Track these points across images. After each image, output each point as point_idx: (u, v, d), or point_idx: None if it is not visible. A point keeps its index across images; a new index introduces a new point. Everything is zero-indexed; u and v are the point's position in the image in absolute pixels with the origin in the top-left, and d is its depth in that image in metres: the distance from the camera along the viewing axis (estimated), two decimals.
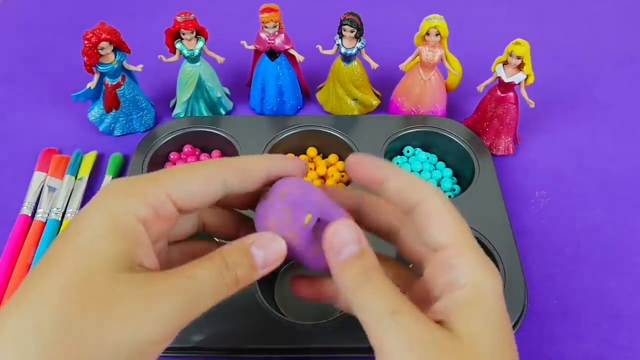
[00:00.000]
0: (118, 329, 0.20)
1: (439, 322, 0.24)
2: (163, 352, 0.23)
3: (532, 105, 0.53)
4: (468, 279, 0.24)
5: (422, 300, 0.25)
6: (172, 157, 0.55)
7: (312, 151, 0.56)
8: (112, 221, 0.22)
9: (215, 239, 0.34)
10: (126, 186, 0.24)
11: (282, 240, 0.26)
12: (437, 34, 0.52)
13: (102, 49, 0.51)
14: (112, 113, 0.56)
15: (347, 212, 0.28)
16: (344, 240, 0.24)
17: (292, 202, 0.26)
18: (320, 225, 0.27)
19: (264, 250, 0.25)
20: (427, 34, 0.53)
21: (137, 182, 0.24)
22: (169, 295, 0.22)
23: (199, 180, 0.25)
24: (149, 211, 0.23)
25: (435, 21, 0.52)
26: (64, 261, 0.21)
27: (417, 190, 0.26)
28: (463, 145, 0.53)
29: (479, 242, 0.45)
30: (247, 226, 0.30)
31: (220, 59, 0.57)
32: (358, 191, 0.29)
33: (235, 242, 0.25)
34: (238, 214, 0.31)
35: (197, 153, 0.56)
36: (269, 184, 0.28)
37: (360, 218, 0.29)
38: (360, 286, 0.24)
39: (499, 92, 0.53)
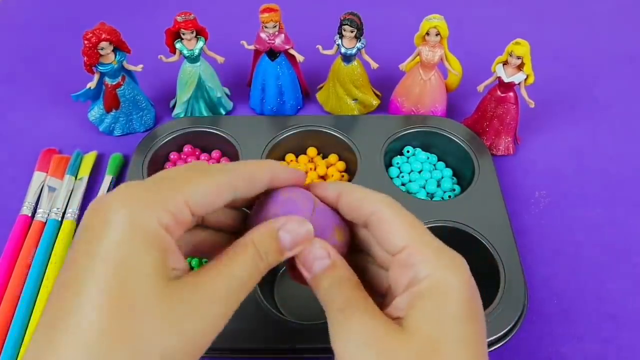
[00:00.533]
0: (177, 340, 0.21)
1: (397, 319, 0.24)
2: None
3: (532, 105, 0.53)
4: (427, 273, 0.24)
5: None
6: (172, 157, 0.55)
7: (312, 151, 0.56)
8: (140, 232, 0.22)
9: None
10: (145, 193, 0.23)
11: (309, 223, 0.26)
12: (437, 34, 0.52)
13: (102, 49, 0.51)
14: (112, 113, 0.56)
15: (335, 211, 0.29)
16: (314, 256, 0.26)
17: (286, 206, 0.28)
18: None
19: (291, 234, 0.26)
20: (427, 34, 0.53)
21: (156, 189, 0.24)
22: (218, 300, 0.23)
23: (213, 189, 0.25)
24: (170, 218, 0.23)
25: (435, 21, 0.52)
26: (99, 279, 0.20)
27: (367, 204, 0.27)
28: (463, 145, 0.53)
29: (479, 242, 0.45)
30: (242, 218, 0.30)
31: (220, 59, 0.57)
32: (338, 185, 0.29)
33: (263, 228, 0.26)
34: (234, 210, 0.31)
35: (197, 153, 0.56)
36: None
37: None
38: (328, 299, 0.25)
39: (499, 92, 0.53)
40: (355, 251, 0.30)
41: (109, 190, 0.52)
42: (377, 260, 0.28)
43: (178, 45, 0.54)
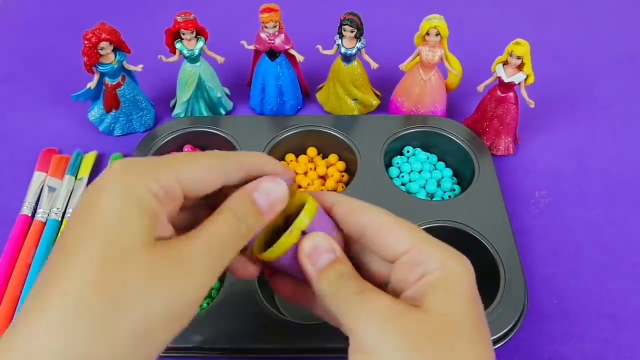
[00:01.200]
0: (160, 298, 0.22)
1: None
2: (163, 352, 0.23)
3: (532, 105, 0.53)
4: (437, 265, 0.25)
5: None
6: None
7: (312, 151, 0.56)
8: (132, 197, 0.23)
9: None
10: (137, 166, 0.24)
11: (283, 181, 0.27)
12: (437, 34, 0.52)
13: (102, 49, 0.51)
14: (112, 113, 0.56)
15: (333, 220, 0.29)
16: (319, 249, 0.26)
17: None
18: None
19: (267, 195, 0.26)
20: (427, 34, 0.53)
21: (148, 163, 0.25)
22: (200, 256, 0.23)
23: (204, 169, 0.26)
24: (160, 189, 0.24)
25: (435, 21, 0.52)
26: (94, 240, 0.22)
27: (362, 214, 0.27)
28: (463, 145, 0.53)
29: (479, 242, 0.45)
30: None
31: (220, 59, 0.57)
32: (333, 196, 0.30)
33: (236, 192, 0.26)
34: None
35: None
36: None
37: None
38: (333, 288, 0.26)
39: (499, 92, 0.53)
40: None
41: None
42: (370, 270, 0.29)
43: (178, 45, 0.54)
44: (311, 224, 0.27)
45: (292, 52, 0.56)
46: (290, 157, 0.55)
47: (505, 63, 0.51)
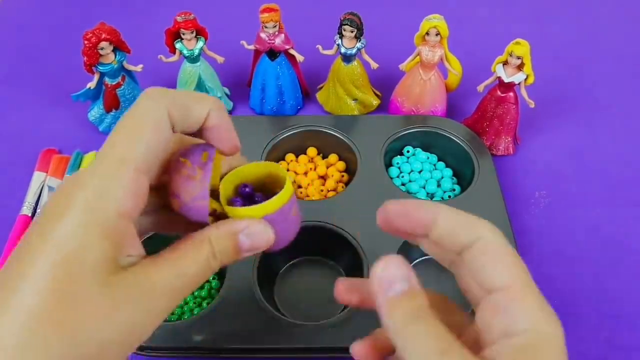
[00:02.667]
0: (117, 332, 0.21)
1: None
2: (164, 353, 0.23)
3: (532, 105, 0.53)
4: (527, 326, 0.22)
5: (473, 344, 0.23)
6: None
7: (312, 151, 0.56)
8: (96, 221, 0.21)
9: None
10: (102, 179, 0.22)
11: (271, 229, 0.25)
12: (437, 34, 0.52)
13: (102, 49, 0.51)
14: (112, 113, 0.56)
15: None
16: (393, 276, 0.23)
17: (184, 152, 0.26)
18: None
19: (252, 239, 0.25)
20: (427, 34, 0.53)
21: (111, 170, 0.22)
22: (163, 294, 0.22)
23: (153, 143, 0.24)
24: (129, 200, 0.22)
25: (435, 21, 0.52)
26: (47, 265, 0.20)
27: (471, 229, 0.24)
28: (463, 145, 0.53)
29: None
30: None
31: (220, 59, 0.57)
32: (435, 207, 0.26)
33: (224, 228, 0.25)
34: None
35: None
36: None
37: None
38: (407, 326, 0.22)
39: (499, 92, 0.53)
40: None
41: None
42: (462, 288, 0.26)
43: (178, 45, 0.54)
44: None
45: (292, 52, 0.56)
46: (290, 157, 0.55)
47: (505, 63, 0.51)
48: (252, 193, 0.27)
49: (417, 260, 0.48)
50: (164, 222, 0.28)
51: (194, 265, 0.24)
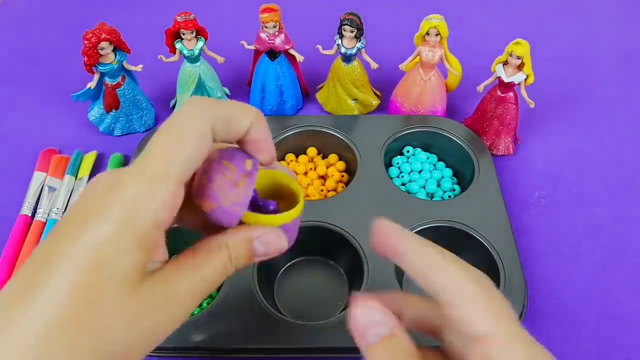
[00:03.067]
0: (140, 337, 0.21)
1: None
2: (164, 352, 0.23)
3: (532, 106, 0.53)
4: None
5: None
6: None
7: (312, 151, 0.56)
8: (131, 232, 0.21)
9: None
10: (142, 187, 0.22)
11: (285, 238, 0.26)
12: (437, 34, 0.52)
13: (102, 49, 0.51)
14: (112, 113, 0.56)
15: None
16: (370, 321, 0.23)
17: (227, 155, 0.25)
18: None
19: (267, 247, 0.26)
20: (427, 34, 0.53)
21: (149, 179, 0.22)
22: (186, 299, 0.23)
23: (195, 155, 0.24)
24: (165, 212, 0.22)
25: (435, 21, 0.52)
26: (78, 268, 0.21)
27: (442, 270, 0.23)
28: (463, 145, 0.53)
29: (479, 242, 0.45)
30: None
31: (220, 59, 0.57)
32: (406, 239, 0.25)
33: (242, 234, 0.25)
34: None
35: None
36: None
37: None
38: None
39: (499, 92, 0.53)
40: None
41: None
42: (441, 340, 0.25)
43: (178, 45, 0.54)
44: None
45: (292, 52, 0.56)
46: (290, 157, 0.55)
47: (505, 63, 0.51)
48: (257, 198, 0.27)
49: None
50: (184, 218, 0.27)
51: (213, 272, 0.24)
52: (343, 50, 0.54)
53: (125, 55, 0.54)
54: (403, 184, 0.53)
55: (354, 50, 0.54)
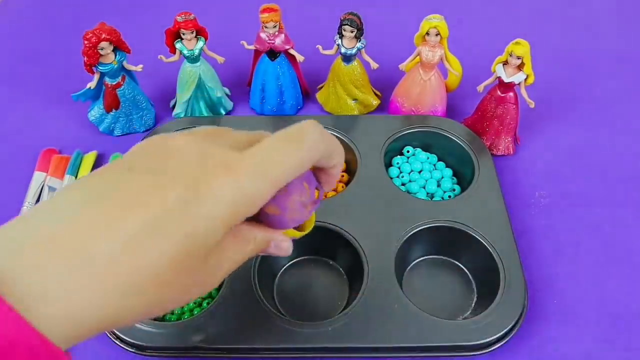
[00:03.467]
0: (177, 299, 0.26)
1: None
2: (164, 352, 0.23)
3: (532, 106, 0.53)
4: None
5: None
6: None
7: None
8: (227, 218, 0.25)
9: None
10: (243, 190, 0.25)
11: (291, 245, 0.31)
12: (437, 34, 0.52)
13: (102, 49, 0.51)
14: (112, 113, 0.56)
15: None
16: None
17: (308, 179, 0.30)
18: None
19: (278, 250, 0.31)
20: (427, 34, 0.53)
21: (261, 181, 0.26)
22: (220, 278, 0.28)
23: (293, 171, 0.28)
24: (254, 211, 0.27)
25: (435, 21, 0.52)
26: (179, 233, 0.23)
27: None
28: (463, 145, 0.53)
29: (479, 242, 0.45)
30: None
31: (220, 59, 0.57)
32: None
33: (267, 234, 0.30)
34: None
35: None
36: None
37: None
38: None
39: (499, 92, 0.53)
40: None
41: None
42: None
43: (178, 45, 0.54)
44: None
45: (292, 52, 0.56)
46: None
47: (505, 63, 0.52)
48: None
49: (417, 260, 0.48)
50: None
51: (243, 257, 0.28)
52: (343, 50, 0.54)
53: (125, 55, 0.54)
54: (403, 184, 0.53)
55: (354, 50, 0.54)
